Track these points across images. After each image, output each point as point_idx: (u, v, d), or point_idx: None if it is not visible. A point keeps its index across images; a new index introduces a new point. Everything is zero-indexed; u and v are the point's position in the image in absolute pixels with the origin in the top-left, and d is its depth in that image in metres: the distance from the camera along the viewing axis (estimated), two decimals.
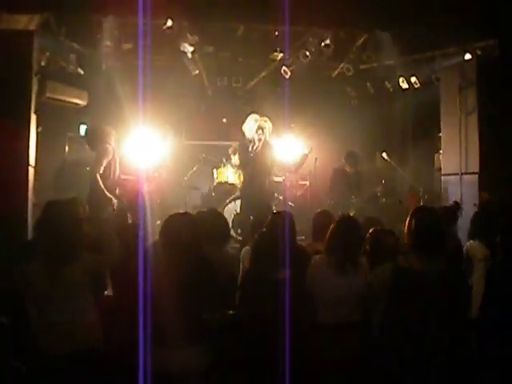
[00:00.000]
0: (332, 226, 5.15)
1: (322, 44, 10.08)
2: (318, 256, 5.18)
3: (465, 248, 6.37)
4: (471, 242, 6.32)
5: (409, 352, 4.26)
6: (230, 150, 10.87)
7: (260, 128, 8.96)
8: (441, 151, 10.75)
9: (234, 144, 10.56)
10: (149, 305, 4.27)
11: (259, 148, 8.97)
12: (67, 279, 4.48)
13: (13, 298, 4.83)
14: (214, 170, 11.43)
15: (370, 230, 5.50)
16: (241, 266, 6.38)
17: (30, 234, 7.73)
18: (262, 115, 9.14)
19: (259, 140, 8.95)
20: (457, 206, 7.64)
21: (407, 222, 4.42)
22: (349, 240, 5.00)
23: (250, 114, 9.28)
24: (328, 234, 5.12)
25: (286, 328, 4.77)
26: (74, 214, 4.86)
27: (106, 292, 5.97)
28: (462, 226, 7.71)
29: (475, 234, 6.35)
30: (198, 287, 4.50)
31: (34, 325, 4.51)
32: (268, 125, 9.07)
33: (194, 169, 11.38)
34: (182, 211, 5.16)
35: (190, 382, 4.39)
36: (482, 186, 9.01)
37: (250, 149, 9.00)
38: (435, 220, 4.41)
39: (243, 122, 9.19)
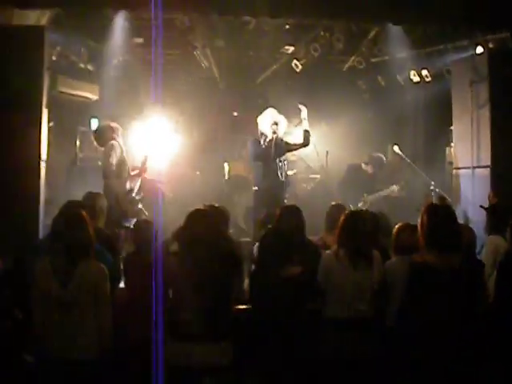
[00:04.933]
0: (341, 220, 5.16)
1: (333, 37, 10.05)
2: (328, 250, 5.19)
3: (486, 242, 6.32)
4: (492, 236, 6.28)
5: (424, 347, 4.26)
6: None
7: (275, 123, 8.89)
8: (452, 144, 10.70)
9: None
10: (160, 300, 4.26)
11: (272, 142, 8.82)
12: (78, 280, 4.31)
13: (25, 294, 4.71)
14: (226, 164, 11.42)
15: (397, 225, 5.45)
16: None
17: (42, 230, 7.76)
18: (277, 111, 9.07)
19: (273, 134, 8.85)
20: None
21: (420, 218, 4.40)
22: (358, 233, 5.01)
23: (266, 107, 9.19)
24: (338, 228, 5.13)
25: (296, 325, 4.80)
26: (83, 214, 4.60)
27: (120, 285, 5.98)
28: (473, 219, 7.69)
29: (494, 229, 6.33)
30: (225, 281, 4.50)
31: (38, 325, 4.35)
32: (283, 121, 9.02)
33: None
34: (199, 207, 5.10)
35: (211, 377, 4.37)
36: (495, 179, 8.95)
37: (262, 142, 8.95)
38: (449, 217, 4.38)
39: (257, 115, 9.10)
